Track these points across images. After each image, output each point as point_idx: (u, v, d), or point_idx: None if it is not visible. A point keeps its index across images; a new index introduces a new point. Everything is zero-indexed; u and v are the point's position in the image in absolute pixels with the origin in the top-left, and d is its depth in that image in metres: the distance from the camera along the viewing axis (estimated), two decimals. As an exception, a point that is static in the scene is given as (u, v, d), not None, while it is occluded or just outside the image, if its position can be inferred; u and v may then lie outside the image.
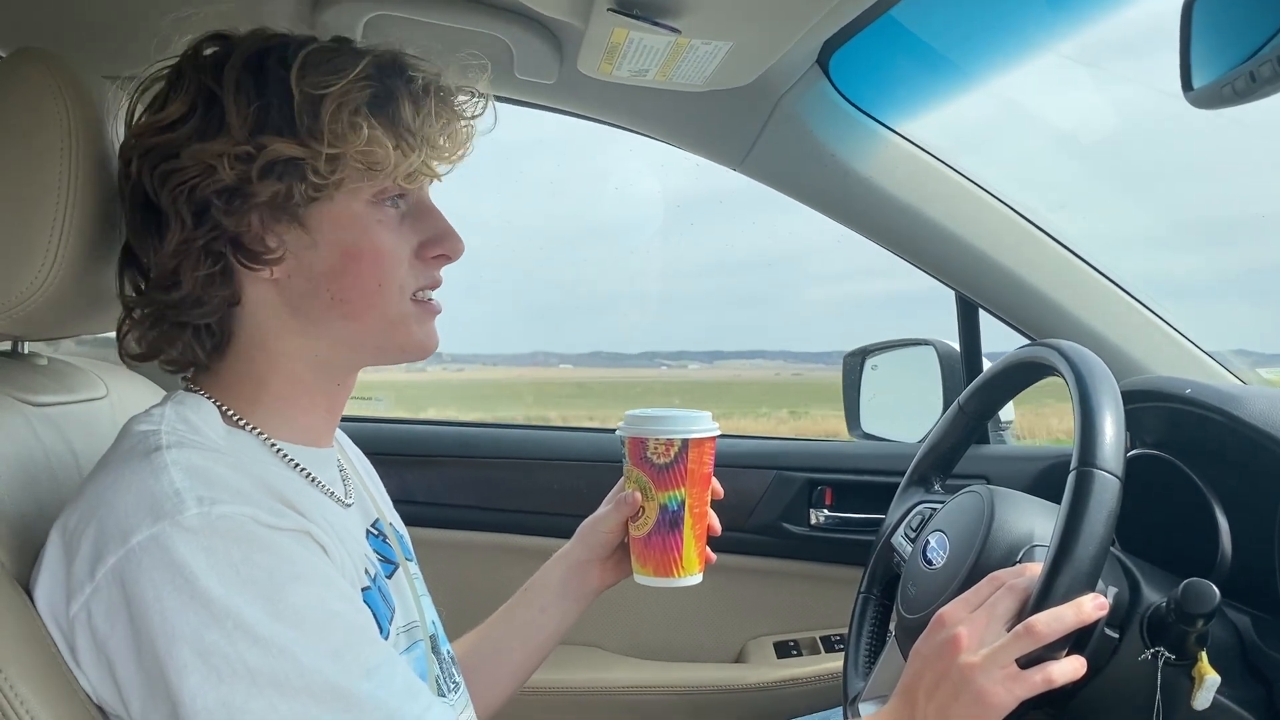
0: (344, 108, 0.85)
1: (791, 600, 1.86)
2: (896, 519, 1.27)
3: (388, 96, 0.88)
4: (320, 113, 0.85)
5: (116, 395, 1.11)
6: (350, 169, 0.87)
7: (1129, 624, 0.95)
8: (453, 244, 0.95)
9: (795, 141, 1.58)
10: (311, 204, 0.88)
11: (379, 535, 1.03)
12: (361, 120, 0.86)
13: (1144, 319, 1.66)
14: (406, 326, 0.93)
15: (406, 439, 1.94)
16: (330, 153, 0.85)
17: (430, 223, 0.95)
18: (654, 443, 1.08)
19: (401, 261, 0.92)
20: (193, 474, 0.79)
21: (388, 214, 0.91)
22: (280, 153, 0.85)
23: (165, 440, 0.82)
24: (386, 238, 0.91)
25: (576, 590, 1.19)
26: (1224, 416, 1.14)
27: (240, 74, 0.87)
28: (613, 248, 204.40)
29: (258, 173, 0.85)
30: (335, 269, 0.89)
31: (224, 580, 0.74)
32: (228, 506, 0.77)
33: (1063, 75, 1.65)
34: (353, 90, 0.86)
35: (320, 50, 0.88)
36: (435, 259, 0.95)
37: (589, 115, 1.66)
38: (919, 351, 1.93)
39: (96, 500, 0.79)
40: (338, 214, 0.89)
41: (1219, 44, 0.84)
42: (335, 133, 0.85)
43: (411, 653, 0.97)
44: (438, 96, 0.91)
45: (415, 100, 0.89)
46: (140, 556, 0.75)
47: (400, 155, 0.88)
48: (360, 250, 0.89)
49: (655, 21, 1.10)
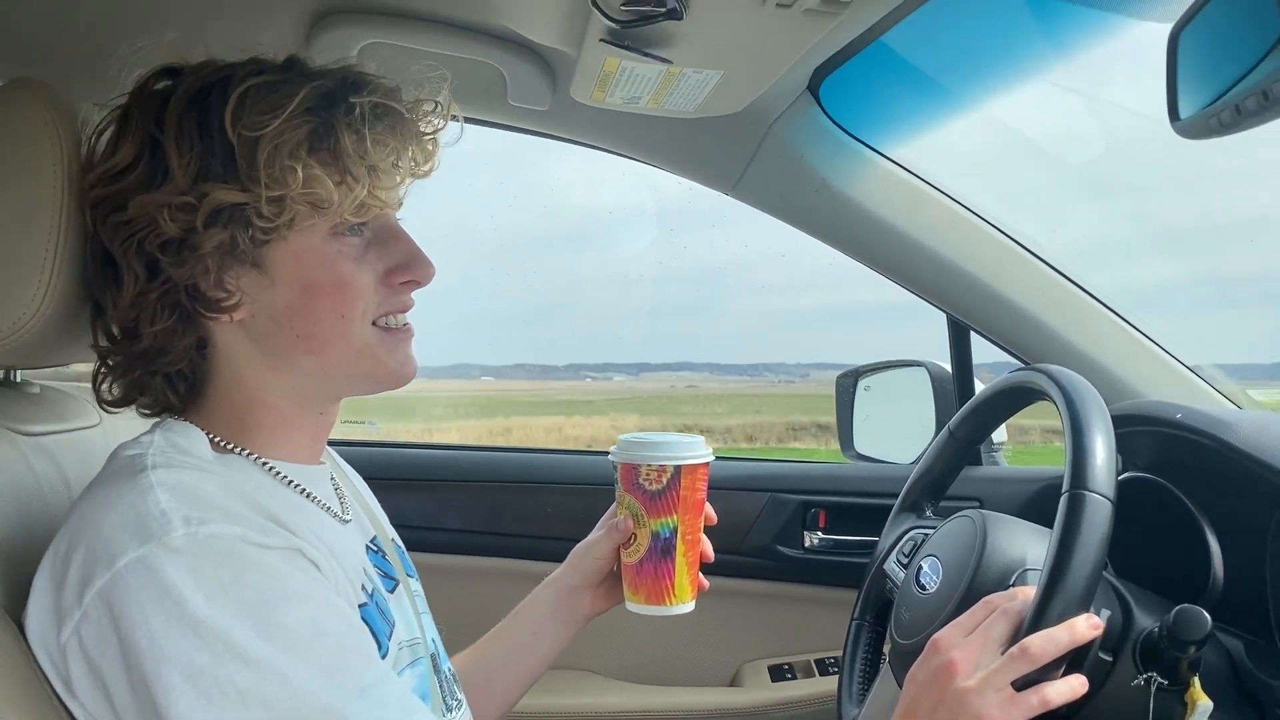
0: (281, 148, 0.83)
1: (786, 623, 1.85)
2: (889, 545, 1.27)
3: (327, 130, 0.85)
4: (257, 156, 0.83)
5: (109, 424, 1.11)
6: (297, 209, 0.85)
7: (1122, 649, 0.95)
8: (421, 269, 0.93)
9: (787, 167, 1.58)
10: (264, 245, 0.86)
11: (378, 551, 1.03)
12: (297, 162, 0.83)
13: (1134, 341, 1.66)
14: (374, 355, 0.92)
15: (400, 463, 1.93)
16: (272, 195, 0.83)
17: (397, 248, 0.93)
18: (646, 469, 1.07)
19: (366, 290, 0.90)
20: (179, 493, 0.78)
21: (349, 244, 0.90)
22: (222, 200, 0.83)
23: (151, 461, 0.82)
24: (348, 268, 0.89)
25: (567, 616, 1.18)
26: (1214, 441, 1.14)
27: (182, 117, 0.85)
28: (553, 260, 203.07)
29: (202, 222, 0.83)
30: (296, 306, 0.88)
31: (212, 601, 0.74)
32: (216, 526, 0.76)
33: (1051, 100, 1.66)
34: (288, 129, 0.83)
35: (259, 86, 0.85)
36: (403, 285, 0.93)
37: (582, 141, 1.66)
38: (911, 373, 1.94)
39: (83, 523, 0.79)
40: (295, 251, 0.87)
41: (1205, 75, 0.85)
42: (273, 176, 0.83)
43: (414, 669, 0.96)
44: (386, 121, 0.88)
45: (357, 131, 0.86)
46: (127, 579, 0.74)
47: (344, 190, 0.85)
48: (321, 284, 0.88)
49: (646, 52, 1.11)
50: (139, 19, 1.29)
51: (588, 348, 24.56)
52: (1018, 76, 1.57)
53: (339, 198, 0.85)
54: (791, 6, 1.01)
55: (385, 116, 0.88)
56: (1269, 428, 1.12)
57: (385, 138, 0.88)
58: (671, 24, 1.04)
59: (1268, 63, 0.76)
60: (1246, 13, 0.81)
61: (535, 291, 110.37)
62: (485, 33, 1.37)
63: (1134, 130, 1.73)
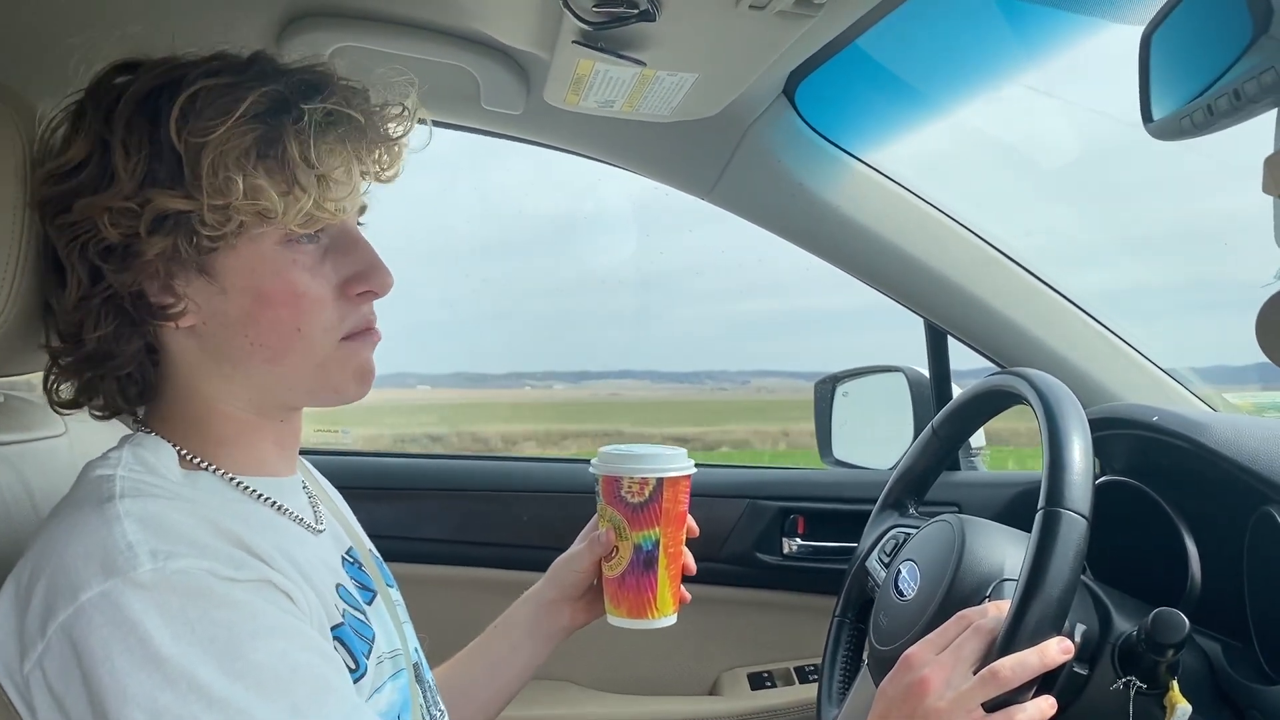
0: (225, 157, 0.80)
1: (765, 631, 1.84)
2: (871, 543, 1.27)
3: (274, 138, 0.82)
4: (200, 164, 0.80)
5: (75, 433, 1.09)
6: (243, 219, 0.82)
7: (1100, 654, 0.95)
8: (379, 279, 0.90)
9: (763, 171, 1.58)
10: (213, 253, 0.84)
11: (355, 563, 1.01)
12: (240, 172, 0.80)
13: (1110, 344, 1.67)
14: (339, 368, 0.89)
15: (373, 471, 1.92)
16: (215, 204, 0.81)
17: (354, 256, 0.89)
18: (628, 481, 1.06)
19: (323, 302, 0.87)
20: (147, 525, 0.76)
21: (303, 252, 0.86)
22: (166, 207, 0.81)
23: (120, 488, 0.80)
24: (301, 278, 0.86)
25: (547, 630, 1.17)
26: (1191, 444, 1.14)
27: (131, 118, 0.82)
28: (499, 267, 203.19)
29: (145, 229, 0.81)
30: (249, 314, 0.85)
31: (178, 639, 0.72)
32: (184, 561, 0.75)
33: (1025, 104, 1.67)
34: (233, 137, 0.81)
35: (210, 90, 0.82)
36: (361, 296, 0.89)
37: (557, 145, 1.66)
38: (889, 378, 1.94)
39: (48, 551, 0.77)
40: (246, 259, 0.84)
41: (1177, 76, 0.85)
42: (215, 185, 0.80)
43: (395, 681, 0.94)
44: (341, 128, 0.85)
45: (304, 138, 0.82)
46: (91, 614, 0.72)
47: (291, 200, 0.82)
48: (273, 294, 0.85)
49: (620, 54, 1.10)
50: (104, 18, 1.27)
51: (530, 357, 24.15)
52: (991, 80, 1.57)
53: (284, 208, 0.82)
54: (765, 8, 1.00)
55: (340, 123, 0.85)
56: (1245, 429, 1.12)
57: (337, 146, 0.85)
58: (645, 25, 1.03)
59: (1240, 64, 0.76)
60: (1217, 15, 0.81)
61: (479, 299, 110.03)
62: (458, 36, 1.36)
63: (1109, 134, 1.74)
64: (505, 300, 45.06)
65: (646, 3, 0.99)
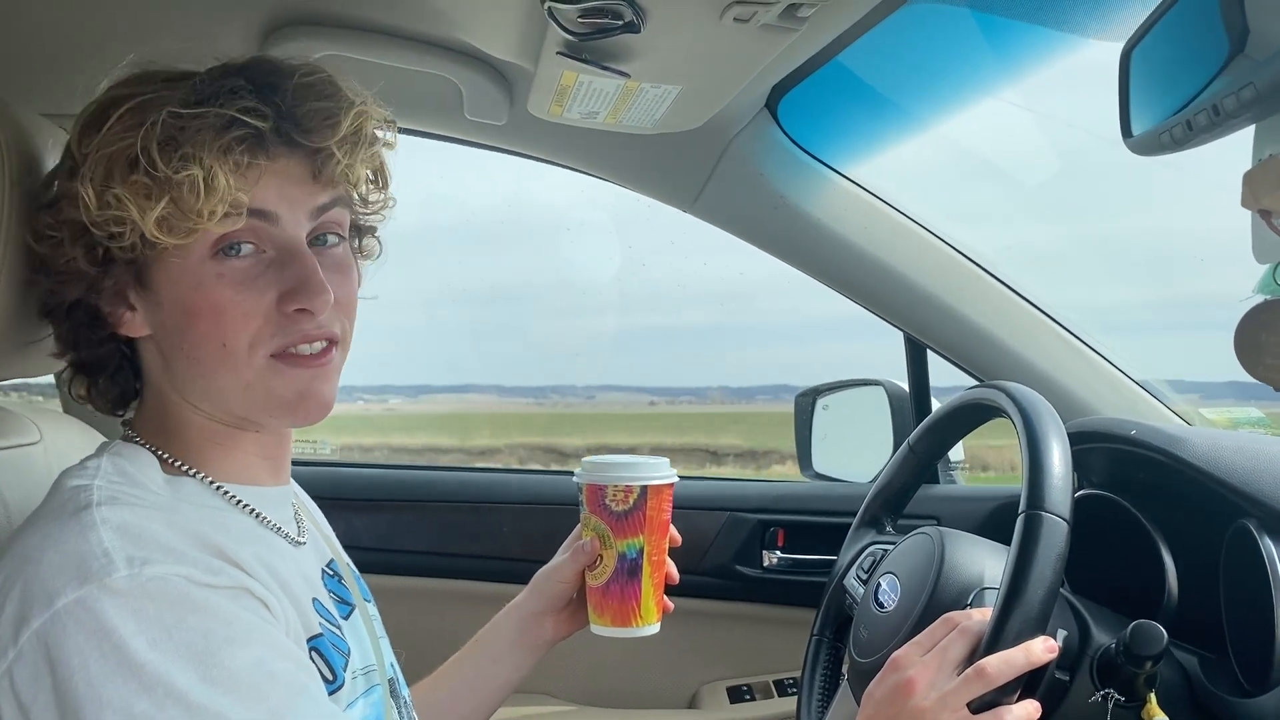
0: (112, 168, 0.81)
1: (744, 643, 1.84)
2: (848, 561, 1.27)
3: (144, 146, 0.80)
4: (96, 175, 0.81)
5: (50, 440, 1.08)
6: (133, 231, 0.81)
7: (1079, 666, 0.95)
8: (309, 295, 0.84)
9: (745, 184, 1.59)
10: (147, 265, 0.84)
11: (334, 576, 1.00)
12: (118, 183, 0.80)
13: (1088, 360, 1.68)
14: (268, 389, 0.86)
15: (352, 482, 1.90)
16: (100, 217, 0.81)
17: (290, 271, 0.85)
18: (613, 489, 1.06)
19: (251, 316, 0.84)
20: (123, 532, 0.76)
21: (230, 266, 0.84)
22: (74, 218, 0.82)
23: (96, 497, 0.79)
24: (224, 293, 0.83)
25: (530, 642, 1.16)
26: (1168, 457, 1.15)
27: (81, 133, 0.85)
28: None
29: (68, 240, 0.84)
30: (181, 327, 0.85)
31: (155, 645, 0.71)
32: (160, 567, 0.74)
33: (1005, 119, 1.69)
34: (105, 146, 0.81)
35: (107, 103, 0.84)
36: (298, 313, 0.85)
37: (540, 157, 1.66)
38: (869, 391, 1.94)
39: (22, 559, 0.76)
40: (173, 271, 0.84)
41: (1157, 92, 0.86)
42: (100, 195, 0.80)
43: (369, 697, 0.94)
44: (207, 134, 0.81)
45: (151, 146, 0.80)
46: (66, 620, 0.72)
47: (147, 209, 0.79)
48: (197, 309, 0.83)
49: (604, 65, 1.11)
50: (89, 31, 1.27)
51: (363, 370, 23.95)
52: (972, 96, 1.59)
53: (141, 216, 0.80)
54: (748, 22, 1.01)
55: (204, 128, 0.81)
56: (1222, 443, 1.12)
57: (197, 152, 0.80)
58: (629, 37, 1.04)
59: (1218, 80, 0.77)
60: (1195, 33, 0.82)
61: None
62: (442, 46, 1.35)
63: (1088, 149, 1.75)
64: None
65: (631, 14, 0.99)
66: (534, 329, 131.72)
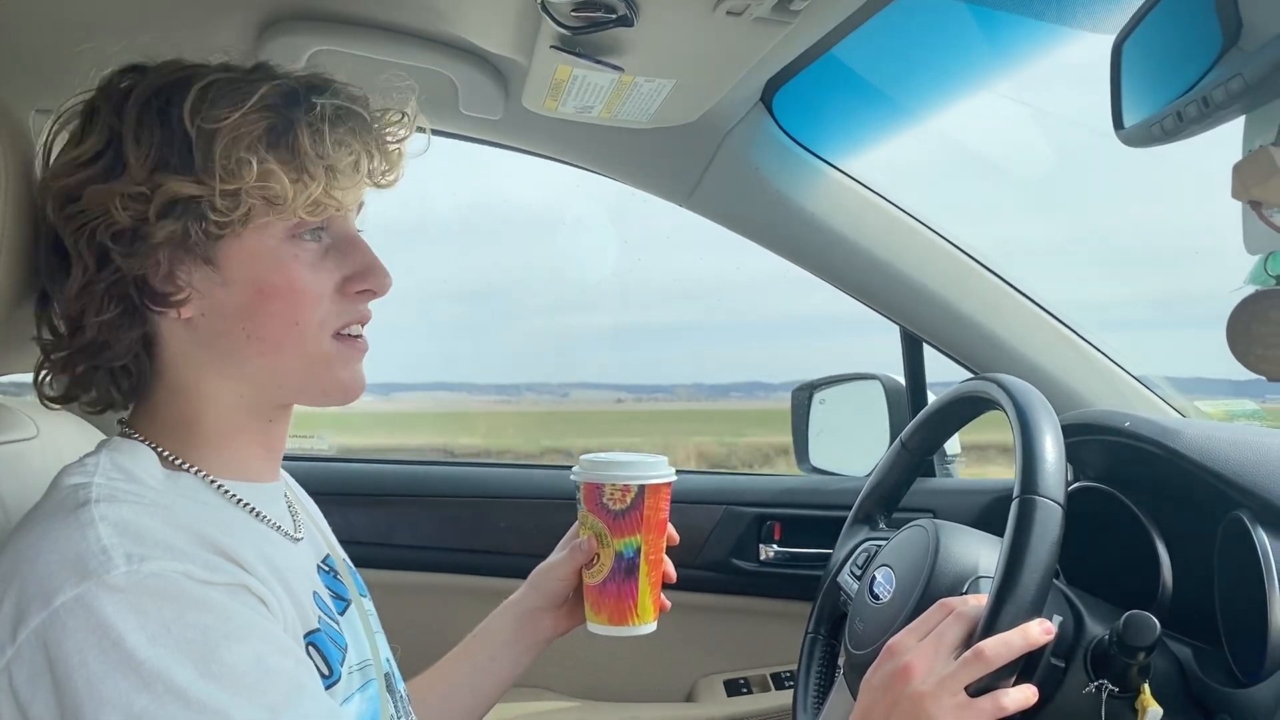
0: (238, 141, 0.83)
1: (741, 637, 1.84)
2: (842, 558, 1.27)
3: (285, 127, 0.86)
4: (213, 148, 0.83)
5: (48, 436, 1.08)
6: (252, 204, 0.84)
7: (1073, 656, 0.95)
8: (378, 278, 0.92)
9: (740, 178, 1.59)
10: (220, 241, 0.86)
11: (330, 571, 1.01)
12: (253, 155, 0.83)
13: (1083, 352, 1.68)
14: (329, 367, 0.91)
15: (350, 477, 1.90)
16: (226, 189, 0.83)
17: (354, 256, 0.92)
18: (610, 488, 1.06)
19: (321, 298, 0.89)
20: (121, 529, 0.76)
21: (306, 248, 0.89)
22: (176, 192, 0.83)
23: (95, 494, 0.79)
24: (303, 273, 0.88)
25: (528, 639, 1.16)
26: (1161, 449, 1.15)
27: (142, 110, 0.85)
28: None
29: (155, 214, 0.83)
30: (249, 307, 0.87)
31: (154, 641, 0.72)
32: (158, 563, 0.74)
33: (999, 112, 1.69)
34: (246, 123, 0.84)
35: (223, 82, 0.86)
36: (360, 294, 0.92)
37: (535, 151, 1.66)
38: (865, 386, 1.94)
39: (19, 557, 0.76)
40: (250, 250, 0.87)
41: (1148, 84, 0.86)
42: (227, 169, 0.83)
43: (365, 692, 0.94)
44: (348, 124, 0.89)
45: (315, 129, 0.86)
46: (65, 618, 0.72)
47: (300, 187, 0.85)
48: (274, 287, 0.87)
49: (598, 59, 1.11)
50: (83, 26, 1.26)
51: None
52: (966, 89, 1.59)
53: (294, 194, 0.85)
54: (742, 15, 1.01)
55: (347, 119, 0.89)
56: (1216, 435, 1.13)
57: (346, 139, 0.88)
58: (623, 31, 1.04)
59: (1210, 73, 0.77)
60: (1187, 24, 0.82)
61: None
62: (436, 40, 1.35)
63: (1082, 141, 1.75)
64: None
65: (624, 8, 1.00)
66: (511, 328, 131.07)
